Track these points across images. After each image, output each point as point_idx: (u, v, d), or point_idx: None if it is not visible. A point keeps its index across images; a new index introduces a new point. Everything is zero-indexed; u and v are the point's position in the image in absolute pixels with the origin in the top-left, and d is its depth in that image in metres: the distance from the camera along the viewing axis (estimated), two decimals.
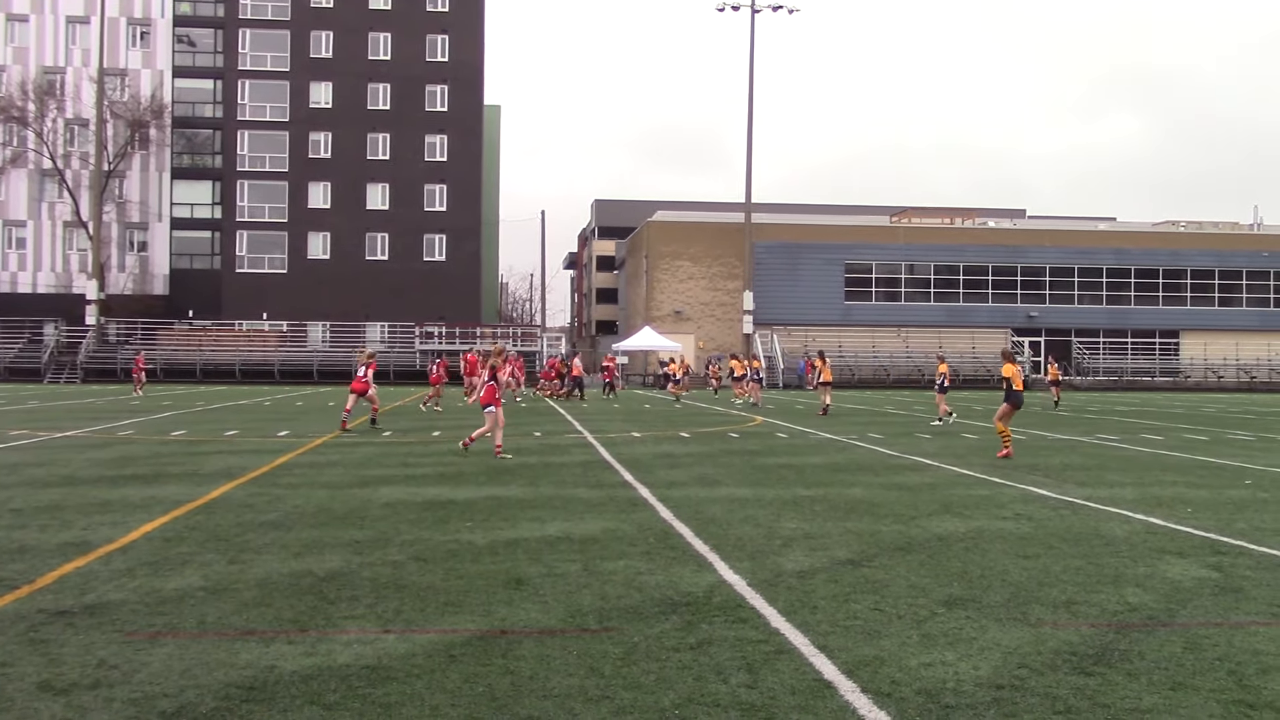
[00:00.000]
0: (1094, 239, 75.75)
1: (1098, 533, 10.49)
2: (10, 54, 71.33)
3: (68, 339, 65.68)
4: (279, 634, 6.43)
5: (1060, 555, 9.26)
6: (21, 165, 70.52)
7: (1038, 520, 11.25)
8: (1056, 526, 10.85)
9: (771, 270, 70.23)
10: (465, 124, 72.31)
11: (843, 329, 70.54)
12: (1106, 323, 73.84)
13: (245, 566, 8.41)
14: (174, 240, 72.80)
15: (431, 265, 71.64)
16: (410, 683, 5.53)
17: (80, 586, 7.67)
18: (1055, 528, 10.76)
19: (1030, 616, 7.07)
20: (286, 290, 69.95)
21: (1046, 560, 9.02)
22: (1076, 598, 7.64)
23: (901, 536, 10.11)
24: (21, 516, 10.84)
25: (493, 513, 11.38)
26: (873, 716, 5.10)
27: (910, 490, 13.74)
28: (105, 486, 13.37)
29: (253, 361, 64.64)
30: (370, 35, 71.72)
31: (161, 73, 72.29)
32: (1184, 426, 27.84)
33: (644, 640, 6.36)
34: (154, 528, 10.21)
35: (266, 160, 71.08)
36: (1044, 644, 6.40)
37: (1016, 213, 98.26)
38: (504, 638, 6.41)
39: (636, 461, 17.11)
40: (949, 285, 73.10)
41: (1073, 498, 13.11)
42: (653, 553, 9.16)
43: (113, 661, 5.86)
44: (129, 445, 19.56)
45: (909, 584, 8.01)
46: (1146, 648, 6.35)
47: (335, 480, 14.22)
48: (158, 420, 26.71)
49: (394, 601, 7.28)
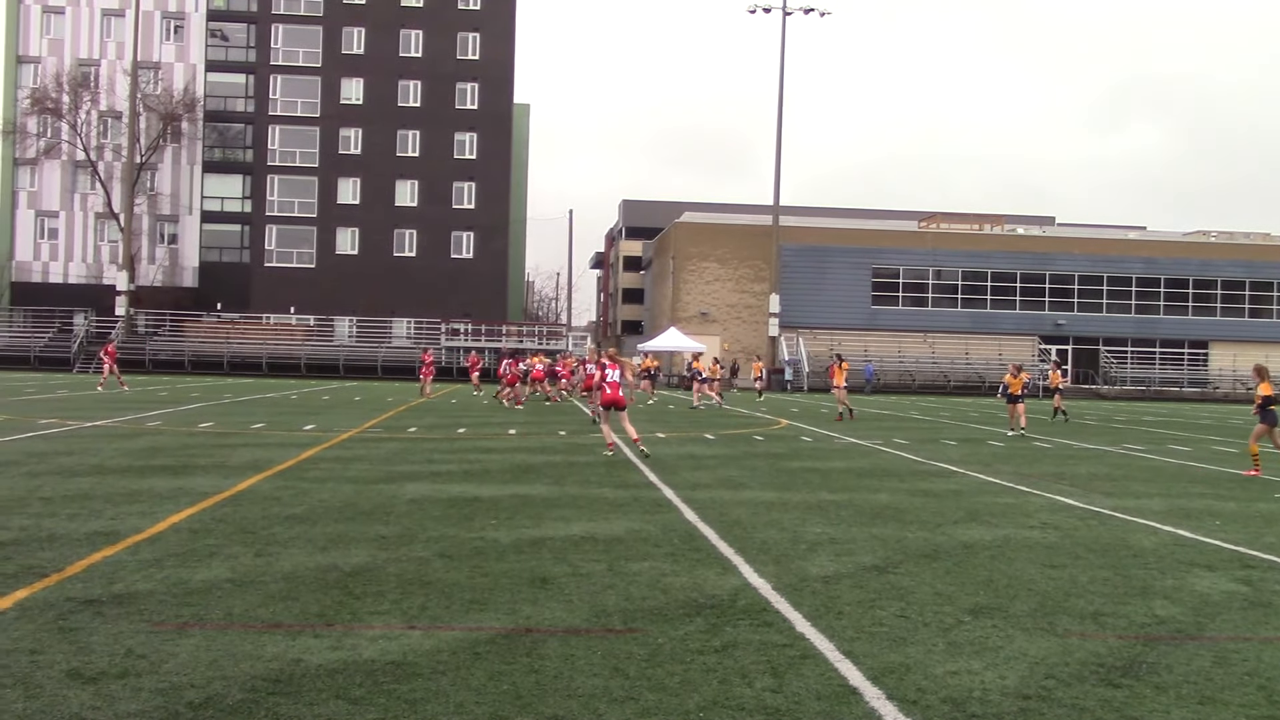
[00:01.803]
0: (1123, 248, 75.24)
1: (1125, 544, 10.41)
2: (46, 46, 71.97)
3: (97, 329, 66.20)
4: (305, 627, 6.46)
5: (1087, 565, 9.19)
6: (55, 156, 71.17)
7: (1065, 530, 11.18)
8: (1084, 536, 10.78)
9: (798, 273, 70.06)
10: (495, 122, 72.48)
11: (869, 333, 70.30)
12: (1135, 332, 73.32)
13: (272, 559, 8.45)
14: (204, 233, 73.29)
15: (459, 262, 71.83)
16: (435, 679, 5.54)
17: (109, 576, 7.72)
18: (1082, 538, 10.69)
19: (1057, 627, 7.02)
20: (314, 285, 70.29)
21: (1073, 570, 8.96)
22: (1104, 609, 7.58)
23: (927, 543, 10.06)
24: (51, 505, 10.93)
25: (518, 511, 11.39)
26: None
27: (936, 497, 13.68)
28: (133, 477, 13.46)
29: (280, 355, 64.96)
30: (402, 32, 71.98)
31: (194, 67, 72.79)
32: (1212, 438, 27.60)
33: (669, 642, 6.36)
34: (181, 519, 10.27)
35: (297, 155, 71.46)
36: (1071, 655, 6.36)
37: (1045, 220, 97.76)
38: (529, 636, 6.41)
39: (661, 462, 17.10)
40: (976, 291, 72.74)
41: (1100, 508, 13.02)
42: (677, 554, 9.15)
43: (140, 651, 5.89)
44: (157, 436, 19.69)
45: (935, 591, 7.97)
46: (1175, 661, 6.30)
47: (361, 475, 14.27)
48: (185, 412, 26.87)
49: (419, 598, 7.30)
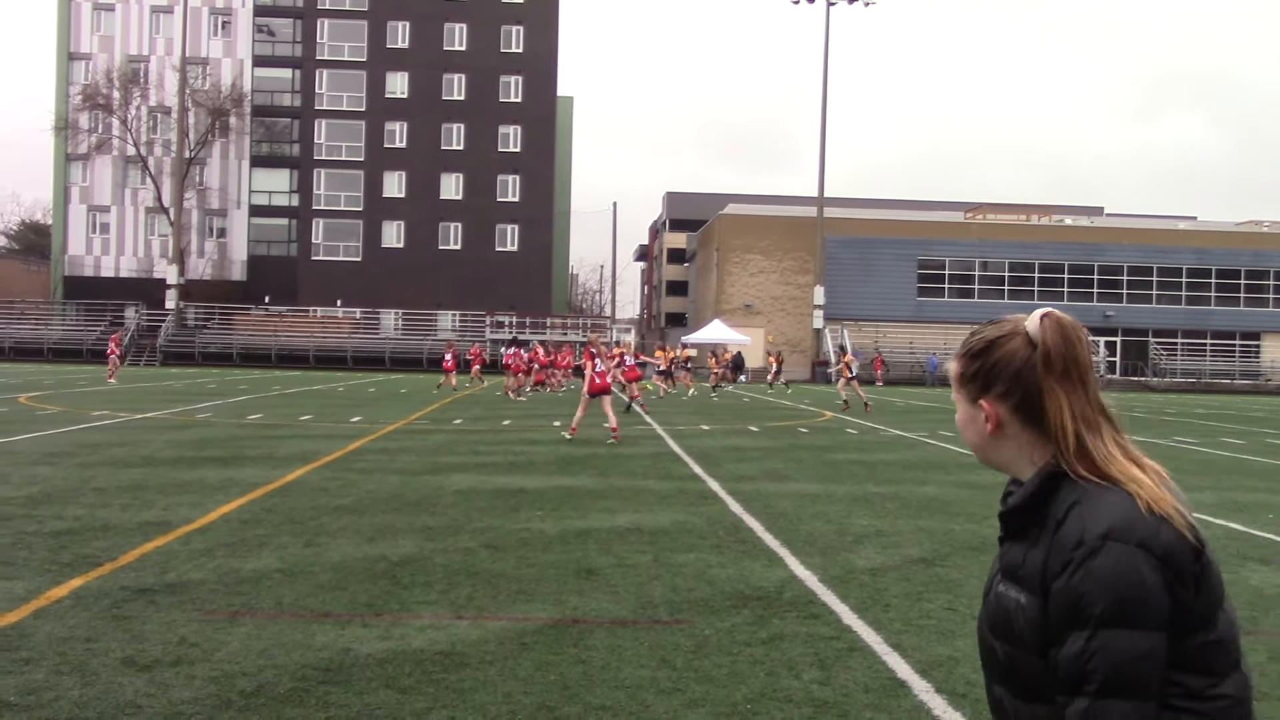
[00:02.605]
0: (1174, 238, 74.17)
1: None
2: (97, 43, 72.94)
3: (148, 322, 67.04)
4: (354, 617, 6.51)
5: None
6: (106, 152, 72.14)
7: None
8: None
9: (843, 265, 69.68)
10: (539, 115, 72.61)
11: (914, 325, 69.82)
12: (1185, 323, 72.29)
13: (320, 550, 8.52)
14: (252, 227, 74.05)
15: (503, 255, 72.07)
16: (483, 669, 5.57)
17: (161, 565, 7.82)
18: None
19: None
20: (360, 278, 70.77)
21: None
22: None
23: (975, 536, 9.98)
24: (104, 495, 11.09)
25: (563, 502, 11.42)
26: (947, 717, 5.04)
27: (983, 489, 13.56)
28: (184, 468, 13.63)
29: (327, 348, 65.50)
30: (446, 26, 72.24)
31: (242, 62, 73.50)
32: (1266, 430, 27.18)
33: (715, 634, 6.35)
34: (232, 509, 10.39)
35: (343, 149, 71.95)
36: None
37: (1094, 210, 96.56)
38: (575, 627, 6.43)
39: (705, 454, 17.08)
40: (1023, 283, 72.00)
41: None
42: (723, 546, 9.13)
43: (193, 640, 5.97)
44: (207, 428, 19.92)
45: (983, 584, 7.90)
46: None
47: (408, 467, 14.36)
48: (234, 404, 27.17)
49: (466, 588, 7.33)
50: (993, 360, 1.96)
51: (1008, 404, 1.95)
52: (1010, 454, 1.99)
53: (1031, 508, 1.91)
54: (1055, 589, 1.80)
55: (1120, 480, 1.87)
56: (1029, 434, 1.95)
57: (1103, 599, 1.74)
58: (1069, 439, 1.89)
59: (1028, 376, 1.92)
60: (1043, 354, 1.91)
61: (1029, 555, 1.89)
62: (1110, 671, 1.72)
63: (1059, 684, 1.79)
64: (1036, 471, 1.93)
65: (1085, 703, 1.73)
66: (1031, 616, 1.85)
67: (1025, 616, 1.86)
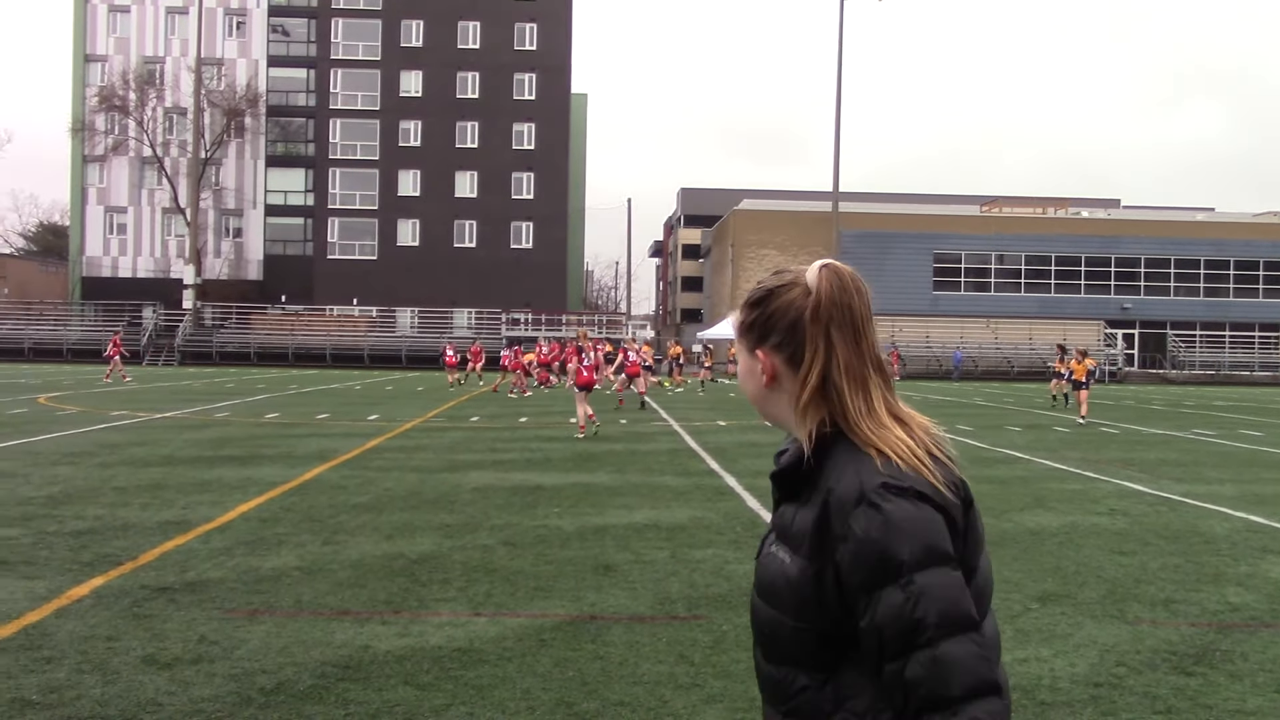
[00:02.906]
0: (1191, 230, 73.73)
1: (1196, 530, 10.24)
2: (112, 44, 73.24)
3: (166, 322, 67.33)
4: (373, 615, 6.54)
5: (1158, 552, 9.05)
6: (123, 153, 72.45)
7: (1134, 516, 11.01)
8: (1153, 523, 10.61)
9: (858, 260, 69.12)
10: (553, 112, 72.62)
11: (930, 319, 69.63)
12: (1204, 315, 71.88)
13: (339, 548, 8.56)
14: (268, 226, 74.27)
15: (518, 253, 72.12)
16: (502, 665, 5.59)
17: (181, 564, 7.86)
18: (1152, 524, 10.53)
19: (1128, 614, 6.92)
20: (376, 276, 70.90)
21: (1143, 557, 8.83)
22: (1175, 596, 7.47)
23: (993, 530, 9.95)
24: (124, 495, 11.15)
25: (580, 499, 11.44)
26: None
27: (1002, 483, 13.53)
28: (203, 467, 13.69)
29: (343, 346, 65.65)
30: (459, 24, 72.29)
31: (257, 62, 73.72)
32: None
33: (733, 629, 6.35)
34: (250, 508, 10.43)
35: (358, 148, 72.07)
36: (1142, 642, 6.27)
37: (1111, 203, 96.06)
38: (593, 623, 6.44)
39: (722, 450, 17.08)
40: (1040, 276, 71.72)
41: (1169, 494, 12.81)
42: (740, 542, 9.14)
43: (213, 638, 6.00)
44: (225, 427, 20.00)
45: (1002, 579, 7.89)
46: (1250, 649, 6.19)
47: (425, 464, 14.40)
48: (252, 403, 27.28)
49: (484, 585, 7.35)
50: (770, 309, 1.89)
51: (782, 355, 1.89)
52: (785, 409, 1.93)
53: (801, 467, 1.85)
54: (845, 554, 1.72)
55: (886, 437, 1.82)
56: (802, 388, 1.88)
57: (906, 544, 1.68)
58: (837, 395, 1.84)
59: (803, 328, 1.85)
60: (813, 303, 1.84)
61: (798, 515, 1.83)
62: (941, 611, 1.65)
63: (880, 650, 1.69)
64: (808, 430, 1.86)
65: (928, 653, 1.64)
66: (792, 577, 1.78)
67: (787, 577, 1.79)
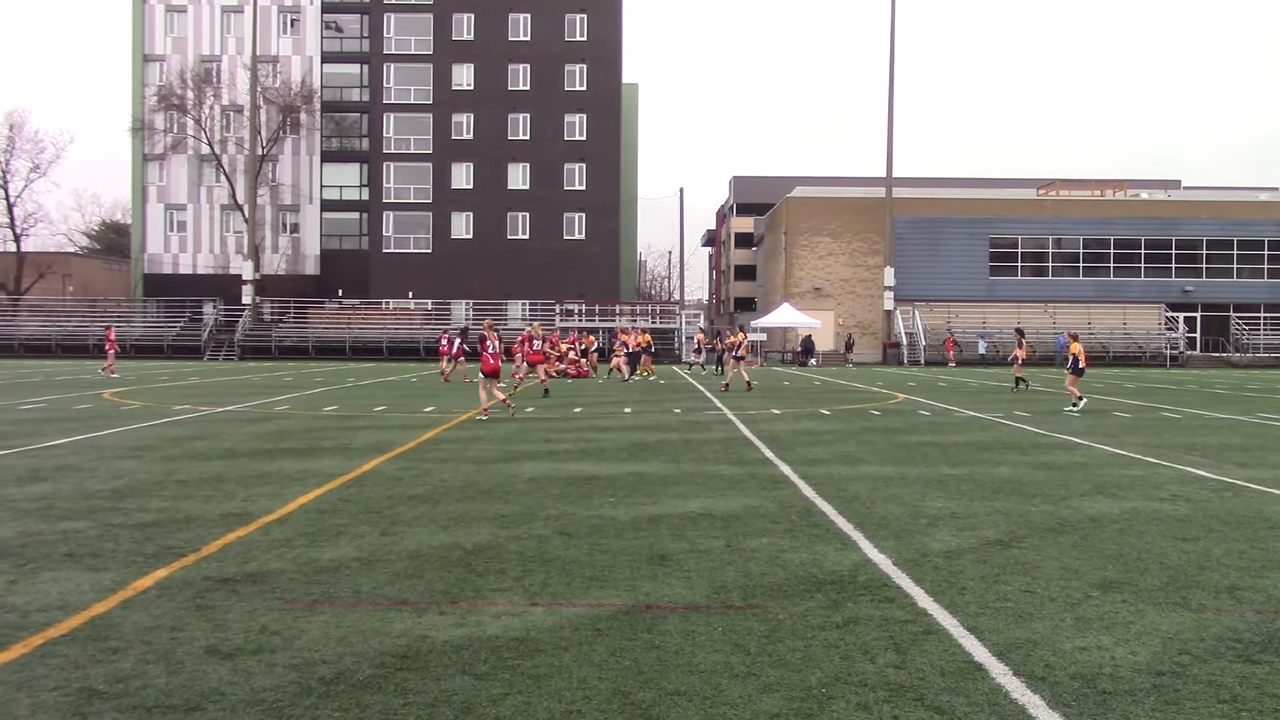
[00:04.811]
0: (1254, 210, 72.29)
1: (1261, 515, 10.06)
2: (170, 44, 74.32)
3: (225, 318, 68.32)
4: (430, 605, 6.59)
5: (1221, 538, 8.91)
6: (182, 151, 73.55)
7: (1196, 502, 10.84)
8: (1216, 508, 10.44)
9: (913, 245, 68.89)
10: (604, 103, 72.63)
11: (987, 304, 68.88)
12: (1267, 297, 70.47)
13: (396, 539, 8.63)
14: (324, 222, 75.05)
15: (571, 244, 72.26)
16: (558, 655, 5.61)
17: (242, 555, 7.97)
18: (1215, 510, 10.36)
19: (1191, 601, 6.82)
20: (431, 269, 71.40)
21: (1207, 543, 8.69)
22: (1240, 583, 7.34)
23: (1052, 517, 9.85)
24: (186, 488, 11.33)
25: (635, 489, 11.45)
26: (1025, 700, 4.99)
27: (1060, 470, 13.38)
28: (263, 459, 13.87)
29: (399, 339, 66.23)
30: (510, 17, 72.49)
31: (311, 59, 74.45)
32: None
33: (789, 618, 6.33)
34: (309, 500, 10.56)
35: (411, 142, 72.55)
36: (1206, 630, 6.17)
37: (1171, 184, 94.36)
38: (649, 613, 6.45)
39: (777, 439, 17.03)
40: (1099, 259, 70.68)
41: (1233, 479, 12.59)
42: (796, 530, 9.11)
43: (274, 628, 6.08)
44: (285, 420, 20.24)
45: (1061, 566, 7.80)
46: None
47: (480, 455, 14.49)
48: (311, 396, 27.58)
49: (540, 575, 7.39)
50: None
51: None
52: None
53: None
54: None
55: None
56: None
57: None
58: None
59: None
60: None
61: None
62: None
63: None
64: None
65: None
66: None
67: None
